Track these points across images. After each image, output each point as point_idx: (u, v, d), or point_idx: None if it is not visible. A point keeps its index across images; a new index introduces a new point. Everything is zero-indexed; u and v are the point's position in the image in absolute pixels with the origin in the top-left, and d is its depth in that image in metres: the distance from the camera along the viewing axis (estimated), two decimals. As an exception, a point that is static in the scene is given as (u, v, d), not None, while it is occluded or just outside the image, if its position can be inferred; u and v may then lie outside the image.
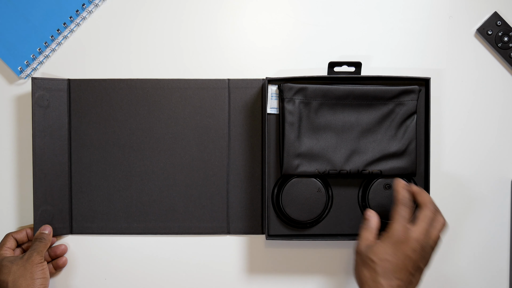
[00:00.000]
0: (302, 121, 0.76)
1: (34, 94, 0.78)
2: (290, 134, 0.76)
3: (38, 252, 0.75)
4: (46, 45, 0.82)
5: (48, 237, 0.77)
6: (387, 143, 0.76)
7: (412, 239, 0.66)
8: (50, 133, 0.79)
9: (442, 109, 0.83)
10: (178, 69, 0.83)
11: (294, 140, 0.76)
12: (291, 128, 0.76)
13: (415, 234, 0.66)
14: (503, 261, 0.82)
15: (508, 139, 0.83)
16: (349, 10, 0.83)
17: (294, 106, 0.76)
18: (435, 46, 0.83)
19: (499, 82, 0.83)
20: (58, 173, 0.80)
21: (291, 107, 0.76)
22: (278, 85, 0.77)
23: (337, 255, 0.82)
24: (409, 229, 0.66)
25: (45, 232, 0.77)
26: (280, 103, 0.77)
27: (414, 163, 0.77)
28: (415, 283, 0.67)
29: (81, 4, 0.82)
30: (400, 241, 0.66)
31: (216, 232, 0.81)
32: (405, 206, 0.68)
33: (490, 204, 0.82)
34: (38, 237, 0.77)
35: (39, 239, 0.76)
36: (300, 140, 0.76)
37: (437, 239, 0.68)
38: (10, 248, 0.77)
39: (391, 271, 0.65)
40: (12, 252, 0.77)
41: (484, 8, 0.83)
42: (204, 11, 0.83)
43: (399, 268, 0.65)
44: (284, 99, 0.76)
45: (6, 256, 0.75)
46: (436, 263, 0.82)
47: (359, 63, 0.77)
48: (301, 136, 0.76)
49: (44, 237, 0.77)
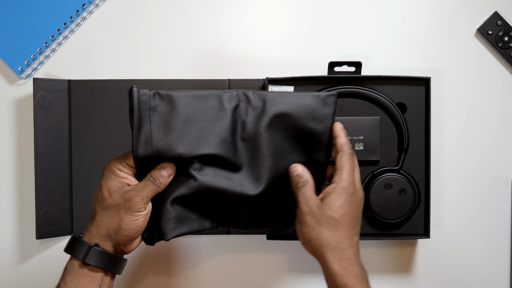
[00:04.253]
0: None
1: (36, 95, 0.78)
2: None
3: (142, 197, 0.59)
4: (47, 45, 0.82)
5: (165, 181, 0.60)
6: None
7: (359, 188, 0.62)
8: (51, 134, 0.79)
9: (442, 109, 0.83)
10: (178, 69, 0.83)
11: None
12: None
13: (359, 183, 0.62)
14: (503, 261, 0.83)
15: (508, 138, 0.83)
16: (349, 10, 0.83)
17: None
18: (435, 46, 0.83)
19: (499, 82, 0.83)
20: (59, 174, 0.80)
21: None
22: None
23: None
24: (355, 178, 0.61)
25: (164, 174, 0.60)
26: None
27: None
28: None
29: (81, 4, 0.82)
30: (352, 192, 0.60)
31: (216, 232, 0.81)
32: (350, 154, 0.62)
33: (490, 204, 0.83)
34: (153, 175, 0.60)
35: (152, 179, 0.60)
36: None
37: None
38: (126, 174, 0.61)
39: (350, 225, 0.60)
40: (128, 177, 0.61)
41: (484, 8, 0.83)
42: (204, 12, 0.83)
43: (356, 221, 0.61)
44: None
45: (118, 176, 0.60)
46: (436, 263, 0.82)
47: (359, 63, 0.77)
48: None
49: (159, 178, 0.60)
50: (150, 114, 0.60)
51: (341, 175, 0.60)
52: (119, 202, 0.59)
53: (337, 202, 0.59)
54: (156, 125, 0.60)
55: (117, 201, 0.59)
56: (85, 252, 0.59)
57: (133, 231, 0.60)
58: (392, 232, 0.80)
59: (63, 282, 0.60)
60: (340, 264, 0.58)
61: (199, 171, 0.61)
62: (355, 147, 0.78)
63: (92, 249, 0.59)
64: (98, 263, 0.59)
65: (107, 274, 0.61)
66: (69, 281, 0.59)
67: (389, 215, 0.77)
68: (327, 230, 0.59)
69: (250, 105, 0.63)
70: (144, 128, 0.60)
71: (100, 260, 0.59)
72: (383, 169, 0.78)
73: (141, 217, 0.60)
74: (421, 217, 0.79)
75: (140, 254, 0.82)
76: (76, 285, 0.59)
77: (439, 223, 0.82)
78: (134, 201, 0.59)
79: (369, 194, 0.77)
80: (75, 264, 0.60)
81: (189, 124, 0.61)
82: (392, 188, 0.77)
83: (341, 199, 0.59)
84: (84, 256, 0.59)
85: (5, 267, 0.82)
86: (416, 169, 0.79)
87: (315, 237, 0.59)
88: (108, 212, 0.59)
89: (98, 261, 0.59)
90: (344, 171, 0.61)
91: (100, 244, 0.60)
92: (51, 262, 0.82)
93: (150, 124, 0.60)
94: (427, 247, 0.83)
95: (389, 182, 0.77)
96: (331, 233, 0.59)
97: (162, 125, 0.60)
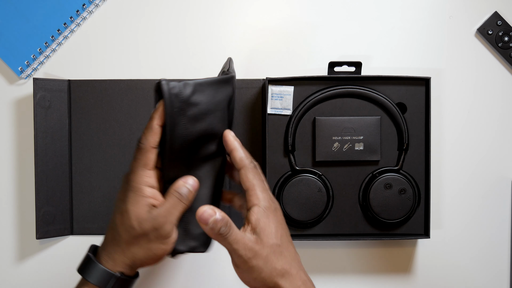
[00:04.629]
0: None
1: (36, 95, 0.78)
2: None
3: (170, 222, 0.54)
4: (47, 45, 0.82)
5: (190, 196, 0.55)
6: None
7: (275, 200, 0.58)
8: (51, 134, 0.79)
9: (442, 109, 0.83)
10: (178, 69, 0.83)
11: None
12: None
13: (271, 194, 0.57)
14: (503, 261, 0.83)
15: (508, 138, 0.83)
16: (349, 10, 0.83)
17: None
18: (435, 46, 0.83)
19: (499, 82, 0.83)
20: (59, 174, 0.80)
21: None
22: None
23: (338, 255, 0.82)
24: (269, 192, 0.57)
25: (188, 187, 0.54)
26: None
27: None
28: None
29: (81, 4, 0.82)
30: (275, 208, 0.56)
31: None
32: (254, 167, 0.56)
33: (490, 204, 0.83)
34: (176, 189, 0.54)
35: (176, 193, 0.54)
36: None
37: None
38: (152, 188, 0.55)
39: (290, 244, 0.57)
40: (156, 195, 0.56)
41: (484, 8, 0.83)
42: (204, 11, 0.83)
43: (289, 235, 0.57)
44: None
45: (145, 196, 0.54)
46: (436, 263, 0.82)
47: (359, 63, 0.77)
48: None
49: (184, 193, 0.54)
50: (183, 108, 0.55)
51: (257, 195, 0.55)
52: (149, 230, 0.54)
53: (270, 227, 0.54)
54: (189, 119, 0.55)
55: (147, 229, 0.54)
56: (107, 280, 0.55)
57: (160, 257, 0.56)
58: (392, 232, 0.80)
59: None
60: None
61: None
62: (355, 147, 0.78)
63: (117, 279, 0.55)
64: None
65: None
66: None
67: (389, 215, 0.77)
68: (277, 261, 0.54)
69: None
70: (179, 123, 0.55)
71: (119, 286, 0.56)
72: (383, 169, 0.78)
73: (171, 244, 0.56)
74: (421, 217, 0.79)
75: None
76: None
77: (439, 223, 0.82)
78: (164, 228, 0.54)
79: (369, 194, 0.77)
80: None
81: (214, 113, 0.56)
82: (392, 188, 0.77)
83: (271, 221, 0.55)
84: (105, 284, 0.55)
85: (5, 267, 0.82)
86: (416, 169, 0.79)
87: (268, 276, 0.54)
88: (138, 241, 0.55)
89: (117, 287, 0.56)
90: (257, 189, 0.55)
91: (125, 272, 0.56)
92: (51, 262, 0.82)
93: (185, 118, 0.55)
94: (427, 247, 0.83)
95: (389, 182, 0.77)
96: (281, 262, 0.55)
97: (195, 118, 0.55)
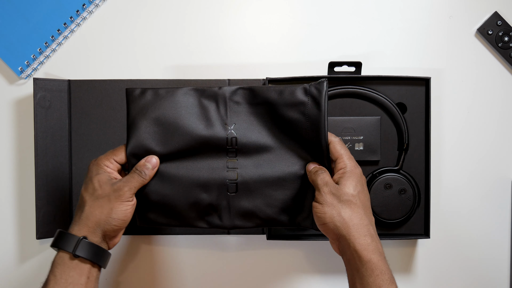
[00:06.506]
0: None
1: (36, 95, 0.78)
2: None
3: (130, 188, 0.63)
4: (47, 45, 0.82)
5: (150, 173, 0.65)
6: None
7: (361, 169, 0.65)
8: (52, 134, 0.79)
9: (442, 109, 0.83)
10: (178, 69, 0.83)
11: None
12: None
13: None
14: (503, 261, 0.83)
15: (508, 138, 0.83)
16: (349, 10, 0.83)
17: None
18: (435, 46, 0.83)
19: (499, 82, 0.83)
20: (59, 174, 0.80)
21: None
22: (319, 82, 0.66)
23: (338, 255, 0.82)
24: (355, 160, 0.65)
25: (148, 166, 0.65)
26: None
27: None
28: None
29: (81, 4, 0.82)
30: (360, 173, 0.65)
31: (216, 232, 0.81)
32: (340, 141, 0.66)
33: (490, 204, 0.83)
34: (138, 168, 0.65)
35: (138, 171, 0.65)
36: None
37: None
38: (113, 170, 0.66)
39: (366, 203, 0.63)
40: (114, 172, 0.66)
41: (484, 8, 0.83)
42: (204, 12, 0.83)
43: (368, 199, 0.65)
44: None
45: (105, 171, 0.65)
46: (436, 263, 0.82)
47: (359, 63, 0.77)
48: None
49: (145, 171, 0.65)
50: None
51: (344, 161, 0.64)
52: (109, 192, 0.63)
53: (351, 182, 0.62)
54: (148, 122, 0.66)
55: (107, 191, 0.63)
56: (75, 244, 0.61)
57: (122, 221, 0.63)
58: (392, 232, 0.80)
59: (52, 275, 0.61)
60: (364, 240, 0.60)
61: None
62: (355, 147, 0.78)
63: (81, 242, 0.61)
64: (87, 254, 0.61)
65: (94, 266, 0.63)
66: (58, 274, 0.61)
67: (389, 215, 0.77)
68: (348, 207, 0.61)
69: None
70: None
71: (88, 252, 0.61)
72: (383, 169, 0.78)
73: (130, 207, 0.63)
74: (421, 217, 0.79)
75: (140, 254, 0.82)
76: (65, 277, 0.60)
77: (439, 223, 0.82)
78: (123, 190, 0.63)
79: (369, 194, 0.77)
80: (64, 257, 0.61)
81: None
82: (392, 188, 0.77)
83: (354, 179, 0.63)
84: (74, 248, 0.61)
85: (5, 267, 0.82)
86: (416, 169, 0.79)
87: (337, 215, 0.61)
88: (99, 202, 0.63)
89: (87, 253, 0.61)
90: (344, 157, 0.64)
91: (89, 237, 0.62)
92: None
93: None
94: (427, 247, 0.83)
95: (389, 182, 0.77)
96: (352, 210, 0.61)
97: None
